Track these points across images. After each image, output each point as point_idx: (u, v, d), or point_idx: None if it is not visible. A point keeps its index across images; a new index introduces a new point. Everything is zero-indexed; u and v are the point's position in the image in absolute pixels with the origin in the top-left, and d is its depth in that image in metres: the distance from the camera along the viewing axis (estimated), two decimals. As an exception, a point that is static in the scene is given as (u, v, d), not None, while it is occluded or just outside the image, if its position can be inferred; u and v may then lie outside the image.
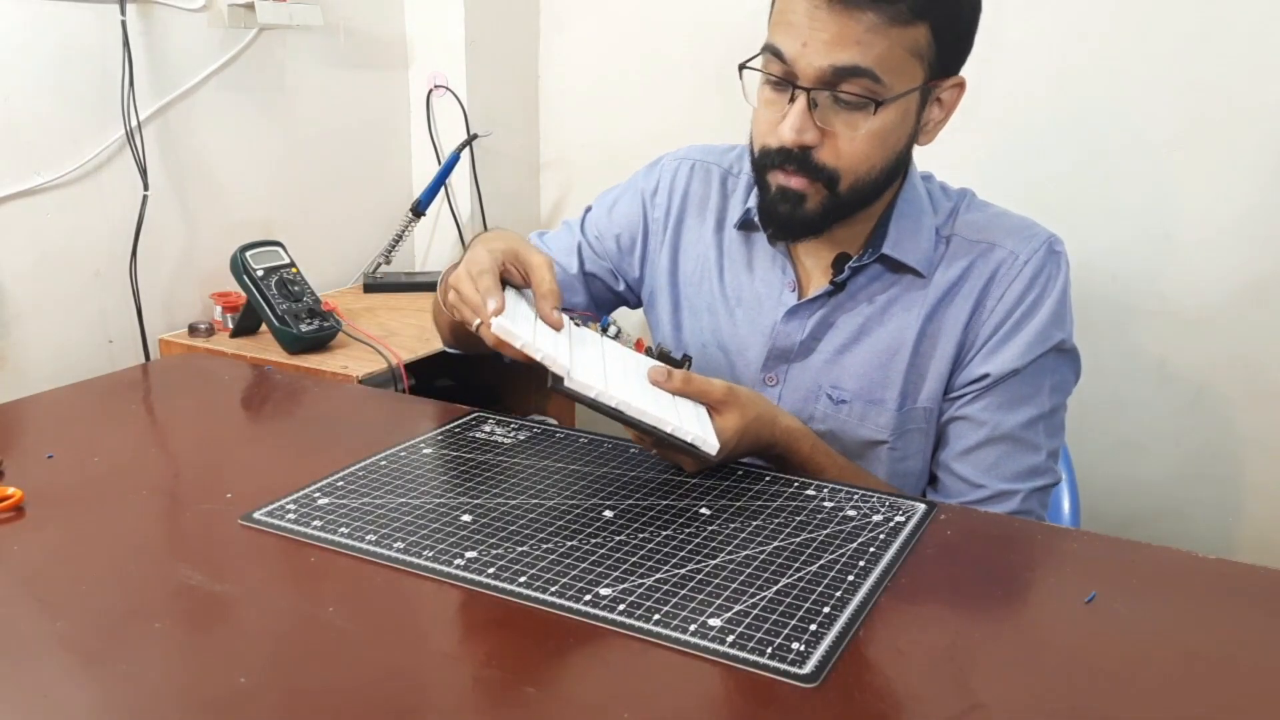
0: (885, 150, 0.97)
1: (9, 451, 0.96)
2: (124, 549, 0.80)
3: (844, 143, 0.95)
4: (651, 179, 1.20)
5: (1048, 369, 1.02)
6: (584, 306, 1.23)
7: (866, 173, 0.97)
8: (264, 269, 1.59)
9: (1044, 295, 1.01)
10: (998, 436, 1.01)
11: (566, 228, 1.24)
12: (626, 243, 1.20)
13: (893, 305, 1.04)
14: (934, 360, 1.03)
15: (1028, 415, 1.01)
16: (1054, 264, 1.02)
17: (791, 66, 0.93)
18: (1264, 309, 1.67)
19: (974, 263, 1.03)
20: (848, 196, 0.98)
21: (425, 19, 2.07)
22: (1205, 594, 0.76)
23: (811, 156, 0.96)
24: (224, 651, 0.66)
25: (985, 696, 0.63)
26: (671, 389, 0.94)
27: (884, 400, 1.04)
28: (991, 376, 1.01)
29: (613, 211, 1.21)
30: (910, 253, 1.03)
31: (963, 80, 1.00)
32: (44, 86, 1.48)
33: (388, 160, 2.13)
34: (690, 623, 0.69)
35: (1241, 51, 1.61)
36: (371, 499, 0.87)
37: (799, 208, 0.98)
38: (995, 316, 1.01)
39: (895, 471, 1.06)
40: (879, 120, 0.94)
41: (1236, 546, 1.77)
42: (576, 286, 1.21)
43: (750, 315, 1.11)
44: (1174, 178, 1.69)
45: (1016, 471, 1.02)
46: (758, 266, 1.11)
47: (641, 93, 2.13)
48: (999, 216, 1.06)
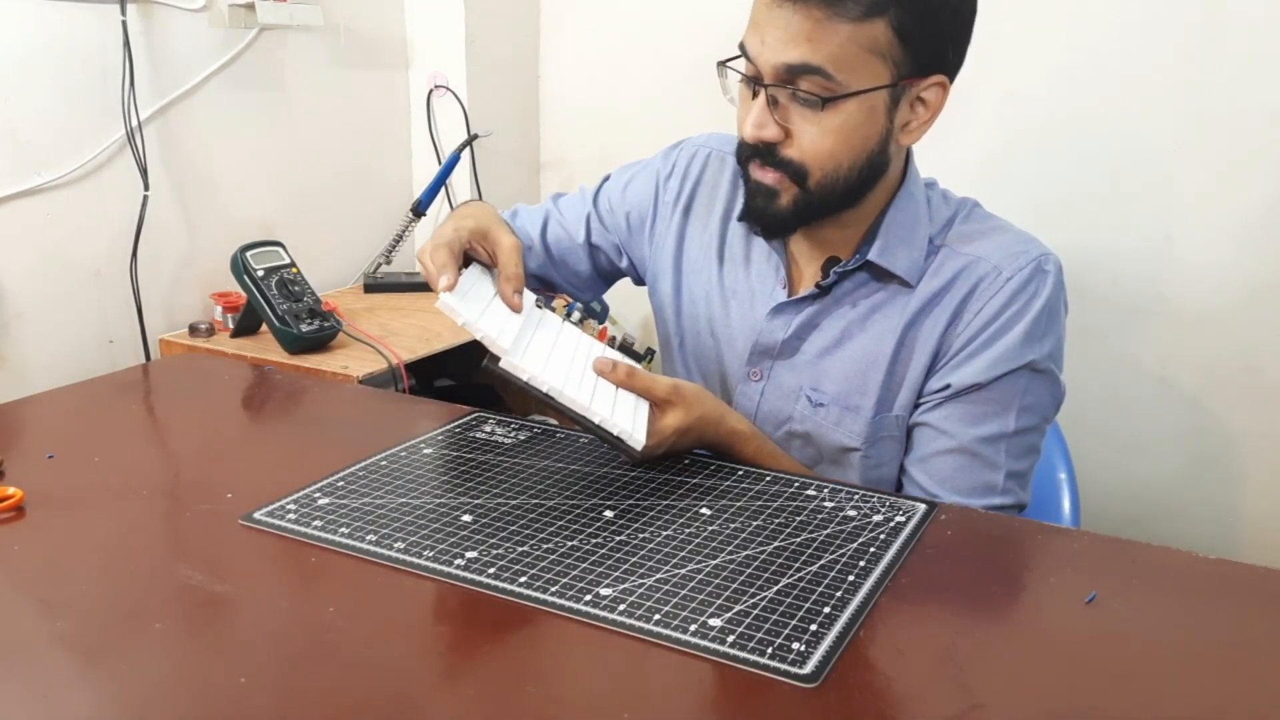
0: (851, 148, 0.96)
1: (9, 451, 0.96)
2: (124, 549, 0.80)
3: (805, 139, 0.96)
4: (669, 162, 1.20)
5: (1017, 389, 1.00)
6: (586, 276, 1.25)
7: (834, 169, 0.97)
8: (264, 269, 1.59)
9: (1022, 313, 0.98)
10: (955, 448, 1.00)
11: (581, 195, 1.25)
12: (636, 221, 1.21)
13: (875, 313, 1.03)
14: (910, 369, 1.02)
15: (988, 431, 1.00)
16: (1040, 282, 0.99)
17: (755, 64, 0.95)
18: (1264, 309, 1.67)
19: (959, 274, 1.01)
20: (818, 193, 0.98)
21: (425, 19, 2.07)
22: (1205, 594, 0.76)
23: (777, 151, 0.97)
24: (224, 651, 0.66)
25: (985, 696, 0.63)
26: (615, 381, 0.95)
27: (860, 407, 1.04)
28: (952, 388, 1.00)
29: (627, 189, 1.22)
30: (898, 261, 1.01)
31: (944, 80, 0.97)
32: (44, 86, 1.49)
33: (388, 160, 2.13)
34: (690, 623, 0.69)
35: (1243, 52, 1.61)
36: (371, 499, 0.87)
37: (772, 203, 0.99)
38: (970, 329, 1.00)
39: (869, 478, 1.05)
40: (837, 117, 0.94)
41: (1236, 546, 1.77)
42: (580, 255, 1.23)
43: (742, 309, 1.11)
44: (1174, 179, 1.70)
45: (971, 486, 1.00)
46: (755, 261, 1.11)
47: (641, 93, 2.13)
48: (995, 230, 1.04)
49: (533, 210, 1.26)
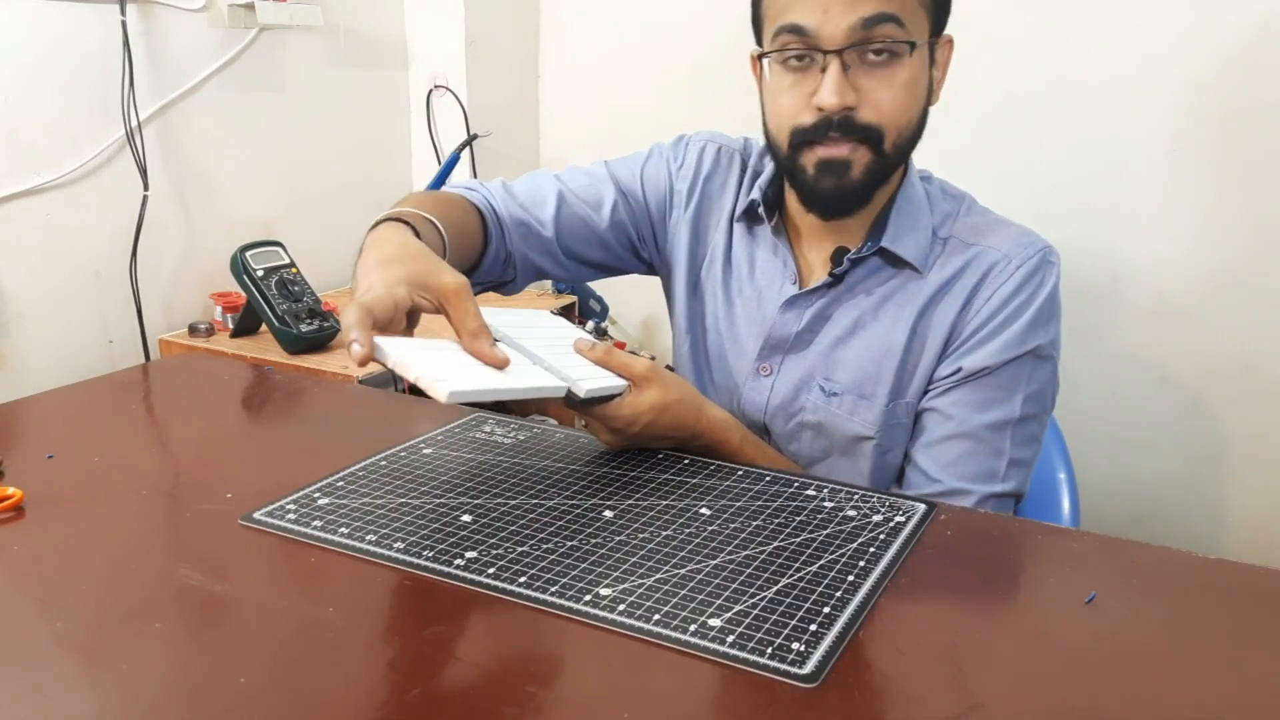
0: (918, 102, 0.99)
1: (9, 451, 0.96)
2: (124, 549, 0.80)
3: (881, 97, 0.96)
4: (679, 153, 1.18)
5: (1023, 375, 1.01)
6: (591, 263, 1.18)
7: (906, 125, 0.98)
8: (264, 269, 1.59)
9: (1031, 299, 1.01)
10: (962, 433, 1.01)
11: (590, 177, 1.18)
12: (656, 209, 1.18)
13: (888, 301, 1.05)
14: (924, 357, 1.04)
15: (995, 417, 1.01)
16: (1046, 271, 1.02)
17: (815, 37, 0.94)
18: (1264, 309, 1.67)
19: (969, 263, 1.03)
20: (892, 155, 0.99)
21: (425, 19, 2.07)
22: (1205, 594, 0.76)
23: (854, 119, 0.96)
24: (224, 651, 0.66)
25: (985, 696, 0.63)
26: (593, 358, 0.94)
27: (874, 396, 1.05)
28: (963, 371, 1.01)
29: (644, 176, 1.18)
30: (909, 248, 1.03)
31: (951, 38, 1.01)
32: (44, 86, 1.49)
33: (388, 160, 2.13)
34: (690, 623, 0.69)
35: (1243, 52, 1.61)
36: (371, 499, 0.87)
37: (845, 177, 0.98)
38: (981, 315, 1.02)
39: (880, 465, 1.06)
40: (905, 71, 0.95)
41: (1236, 546, 1.77)
42: (593, 240, 1.16)
43: (748, 309, 1.11)
44: (1174, 179, 1.70)
45: (975, 472, 1.01)
46: (759, 260, 1.12)
47: (641, 93, 2.13)
48: (1001, 224, 1.06)
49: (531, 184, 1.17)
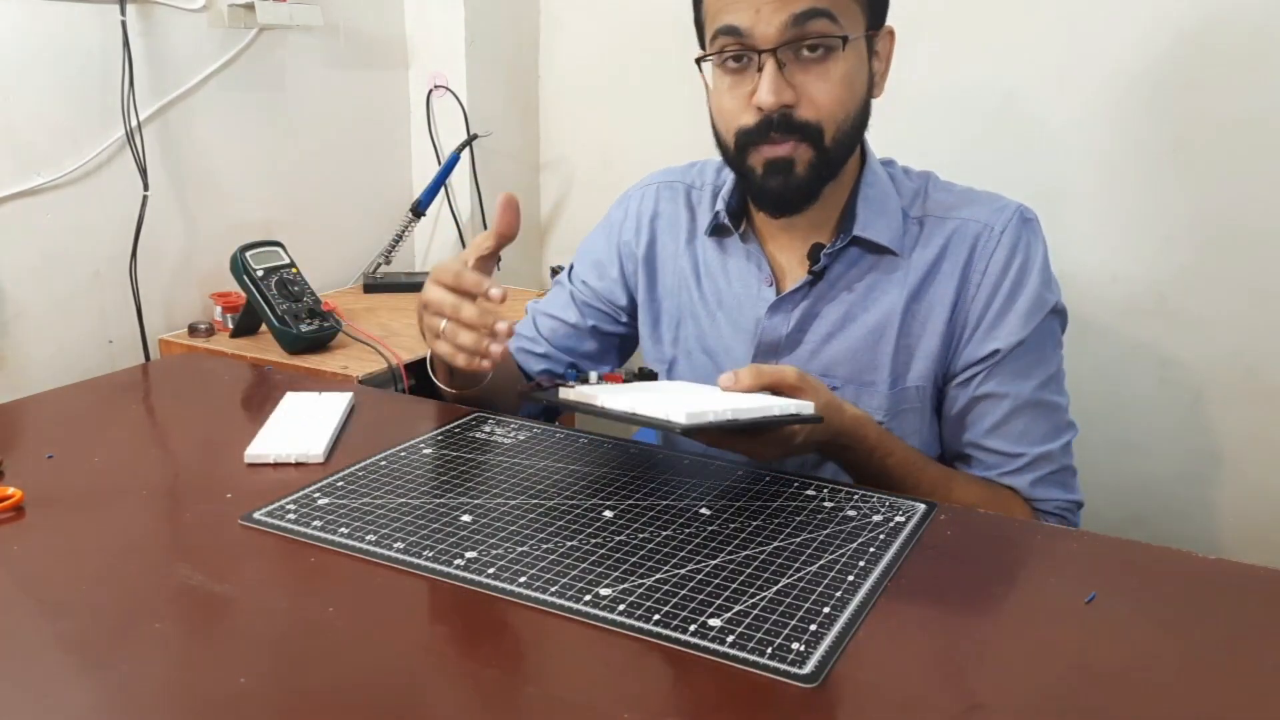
0: (855, 96, 1.00)
1: (9, 451, 0.96)
2: (124, 549, 0.80)
3: (817, 93, 0.97)
4: (620, 210, 1.23)
5: (1048, 331, 1.05)
6: (594, 353, 1.24)
7: (845, 119, 0.99)
8: (264, 269, 1.59)
9: (1029, 262, 1.03)
10: (1021, 406, 1.03)
11: (558, 285, 1.27)
12: (611, 276, 1.22)
13: (874, 289, 1.06)
14: (923, 340, 1.05)
15: (1040, 378, 1.04)
16: (1030, 231, 1.05)
17: (749, 37, 0.95)
18: (1264, 309, 1.67)
19: (950, 239, 1.05)
20: (833, 151, 1.00)
21: (425, 19, 2.07)
22: (1205, 594, 0.76)
23: (793, 116, 0.97)
24: (224, 651, 0.66)
25: (985, 696, 0.63)
26: (743, 387, 0.91)
27: (874, 382, 1.06)
28: (1001, 351, 1.03)
29: (592, 254, 1.24)
30: (882, 233, 1.04)
31: (892, 29, 1.03)
32: (44, 86, 1.48)
33: (388, 160, 2.13)
34: (690, 623, 0.69)
35: (1242, 52, 1.61)
36: (371, 499, 0.87)
37: (790, 175, 0.99)
38: (984, 291, 1.03)
39: None
40: (841, 65, 0.97)
41: (1236, 546, 1.77)
42: (584, 336, 1.23)
43: (731, 317, 1.12)
44: (1174, 178, 1.69)
45: (1045, 432, 1.04)
46: (733, 269, 1.12)
47: (641, 93, 2.13)
48: (967, 194, 1.08)
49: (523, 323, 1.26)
